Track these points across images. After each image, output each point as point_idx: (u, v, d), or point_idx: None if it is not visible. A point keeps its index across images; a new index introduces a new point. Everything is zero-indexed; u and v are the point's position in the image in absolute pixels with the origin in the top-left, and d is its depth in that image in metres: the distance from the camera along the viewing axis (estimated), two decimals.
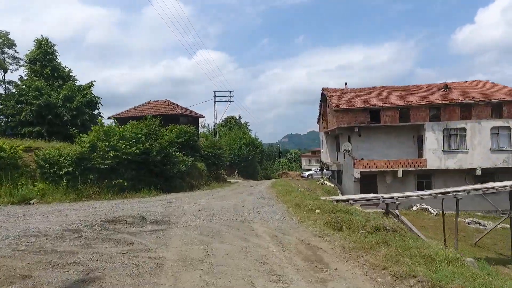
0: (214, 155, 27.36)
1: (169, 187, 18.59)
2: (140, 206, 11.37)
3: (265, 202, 13.11)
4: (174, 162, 18.97)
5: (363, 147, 24.30)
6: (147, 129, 18.59)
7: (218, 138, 36.55)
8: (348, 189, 26.47)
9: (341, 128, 24.15)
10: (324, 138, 34.12)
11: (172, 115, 27.08)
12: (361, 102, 23.84)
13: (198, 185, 22.78)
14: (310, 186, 29.04)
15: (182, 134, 22.87)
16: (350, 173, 25.21)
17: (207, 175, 26.19)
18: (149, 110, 28.38)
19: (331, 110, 26.43)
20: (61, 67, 31.71)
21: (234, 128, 55.15)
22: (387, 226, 6.89)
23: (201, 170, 25.35)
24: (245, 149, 49.32)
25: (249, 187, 22.80)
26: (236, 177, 46.82)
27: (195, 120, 30.94)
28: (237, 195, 16.56)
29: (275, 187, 20.55)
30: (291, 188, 18.29)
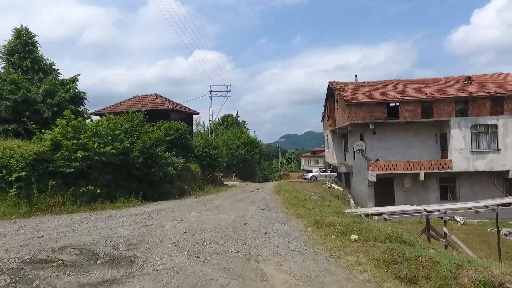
0: (209, 156, 24.36)
1: (154, 194, 15.58)
2: (104, 226, 8.34)
3: (273, 217, 10.13)
4: (161, 164, 15.95)
5: (378, 146, 21.46)
6: (128, 125, 15.56)
7: (214, 137, 33.47)
8: (360, 194, 23.59)
9: (353, 125, 21.25)
10: (330, 137, 31.23)
11: (162, 110, 24.04)
12: (377, 95, 21.00)
13: (190, 190, 19.77)
14: (315, 189, 26.15)
15: (172, 132, 19.86)
16: (363, 175, 22.34)
17: (201, 178, 23.18)
18: (136, 105, 25.31)
19: (341, 105, 23.52)
20: (42, 60, 28.51)
21: (231, 127, 52.11)
22: (506, 283, 3.91)
23: (195, 172, 22.33)
24: (243, 149, 46.32)
25: (249, 193, 19.82)
26: (234, 179, 43.88)
27: (189, 117, 27.89)
28: (236, 204, 13.57)
29: (280, 193, 17.58)
30: (301, 195, 15.33)
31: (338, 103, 25.25)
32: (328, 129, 32.32)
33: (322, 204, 11.43)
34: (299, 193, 16.32)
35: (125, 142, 14.20)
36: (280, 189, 19.51)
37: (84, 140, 12.93)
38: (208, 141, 25.49)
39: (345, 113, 21.97)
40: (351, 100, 20.20)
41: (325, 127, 34.88)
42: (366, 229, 7.27)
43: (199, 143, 24.94)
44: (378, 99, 20.11)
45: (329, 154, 32.47)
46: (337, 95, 25.21)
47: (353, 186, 26.52)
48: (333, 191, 26.11)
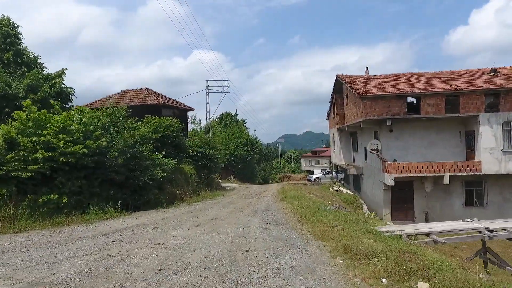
0: (205, 156, 21.89)
1: (138, 202, 13.10)
2: (46, 257, 5.86)
3: (284, 237, 7.68)
4: (146, 166, 13.47)
5: (395, 145, 19.06)
6: (105, 119, 13.08)
7: (211, 135, 30.97)
8: (373, 199, 21.18)
9: (367, 121, 18.81)
10: (337, 136, 28.80)
11: (153, 105, 21.57)
12: (394, 88, 18.58)
13: (183, 196, 17.30)
14: (322, 193, 23.73)
15: (162, 129, 17.38)
16: (377, 178, 19.91)
17: (196, 181, 20.72)
18: (124, 100, 22.83)
19: (352, 100, 21.08)
20: (26, 52, 26.01)
21: (230, 125, 49.63)
22: None
23: (189, 175, 19.87)
24: (242, 149, 43.83)
25: (250, 198, 17.36)
26: (233, 180, 41.42)
27: (183, 114, 25.41)
28: (234, 215, 11.10)
29: (286, 199, 15.11)
30: (313, 204, 12.85)
31: (348, 98, 22.83)
32: (334, 127, 29.88)
33: (344, 218, 8.98)
34: (310, 201, 13.85)
35: (101, 140, 11.71)
36: (286, 195, 17.05)
37: (48, 137, 10.46)
38: (204, 140, 23.03)
39: (357, 109, 19.54)
40: (365, 93, 17.78)
41: (330, 125, 32.42)
42: (432, 267, 4.82)
43: (194, 142, 22.46)
44: (397, 92, 17.70)
45: (336, 155, 30.03)
46: (347, 89, 22.76)
47: (364, 189, 24.08)
48: (342, 195, 23.68)
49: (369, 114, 17.90)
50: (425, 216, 19.18)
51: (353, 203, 21.50)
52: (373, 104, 17.88)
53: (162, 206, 13.90)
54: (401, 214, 19.35)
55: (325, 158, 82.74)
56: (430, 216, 19.12)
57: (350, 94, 21.90)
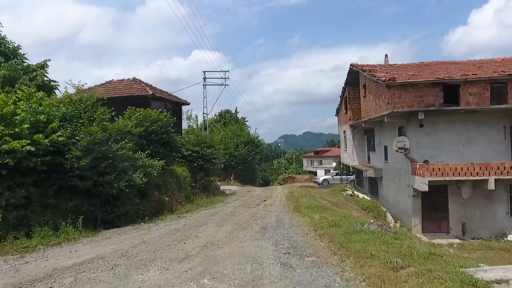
0: (201, 156, 18.86)
1: (111, 216, 10.05)
2: None
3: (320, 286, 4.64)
4: (123, 169, 10.44)
5: (426, 143, 16.07)
6: (67, 108, 10.03)
7: (209, 133, 27.79)
8: (397, 205, 18.14)
9: (393, 115, 15.77)
10: (350, 133, 25.75)
11: (140, 97, 18.52)
12: (427, 74, 15.58)
13: (173, 204, 14.26)
14: (335, 198, 20.73)
15: (147, 123, 14.32)
16: (404, 182, 16.89)
17: (190, 185, 17.71)
18: (107, 91, 19.79)
19: (373, 90, 18.04)
20: (4, 42, 22.99)
21: (229, 124, 46.56)
22: None
23: (181, 178, 16.86)
24: (243, 148, 40.78)
25: (254, 207, 14.31)
26: (232, 182, 38.42)
27: (177, 108, 22.35)
28: (237, 238, 8.04)
29: (301, 209, 12.06)
30: (339, 217, 9.80)
31: (366, 90, 19.81)
32: (346, 124, 26.83)
33: (406, 250, 5.97)
34: (334, 213, 10.81)
35: (55, 134, 8.65)
36: (298, 203, 14.01)
37: None
38: (200, 137, 19.97)
39: (380, 100, 16.54)
40: (393, 80, 14.78)
41: (341, 122, 29.37)
42: None
43: (189, 140, 19.42)
44: (431, 79, 14.69)
45: (348, 154, 26.99)
46: (366, 79, 19.72)
47: (383, 194, 21.04)
48: (358, 200, 20.66)
49: (397, 105, 14.88)
50: (462, 227, 16.16)
51: (373, 210, 18.48)
52: (402, 93, 14.85)
53: (144, 220, 10.85)
54: (433, 224, 16.33)
55: (328, 159, 79.65)
56: (468, 227, 16.11)
57: (370, 84, 18.87)
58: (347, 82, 25.16)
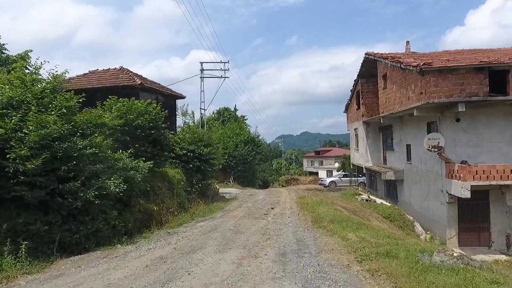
0: (198, 156, 16.30)
1: (75, 237, 7.47)
2: None
3: None
4: (92, 174, 7.88)
5: (463, 141, 13.62)
6: (15, 91, 7.42)
7: (206, 130, 25.13)
8: (426, 213, 15.66)
9: (426, 107, 13.28)
10: (363, 131, 23.25)
11: (127, 87, 15.98)
12: (469, 59, 13.15)
13: (163, 215, 11.71)
14: (350, 204, 18.24)
15: (132, 116, 11.72)
16: (435, 186, 14.42)
17: (185, 190, 15.18)
18: (90, 81, 17.25)
19: (399, 80, 15.53)
20: None
21: (228, 122, 43.99)
22: None
23: (175, 182, 14.31)
24: (242, 148, 38.23)
25: (262, 218, 11.75)
26: (231, 184, 35.89)
27: (170, 101, 19.79)
28: (248, 278, 5.49)
29: (323, 223, 9.53)
30: (386, 238, 7.26)
31: (387, 80, 17.31)
32: (358, 121, 24.35)
33: None
34: (371, 230, 8.26)
35: None
36: (315, 212, 11.46)
37: None
38: (197, 135, 17.38)
39: (409, 90, 14.05)
40: (429, 64, 12.32)
41: (351, 118, 26.87)
42: None
43: (183, 138, 16.86)
44: (475, 63, 12.24)
45: (360, 154, 24.50)
46: (386, 68, 17.20)
47: (404, 199, 18.56)
48: (377, 207, 18.17)
49: (433, 95, 12.40)
50: (506, 240, 13.71)
51: (397, 219, 15.99)
52: (439, 80, 12.37)
53: (122, 240, 8.28)
54: (471, 237, 13.85)
55: (329, 159, 77.23)
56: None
57: (392, 73, 16.37)
58: (360, 74, 22.69)
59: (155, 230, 9.95)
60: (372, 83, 22.70)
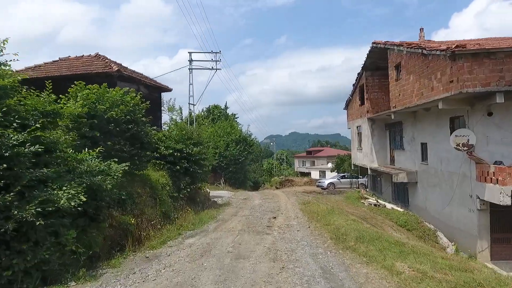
0: (186, 156, 14.01)
1: (4, 276, 5.11)
2: None
3: None
4: (36, 181, 5.54)
5: (497, 138, 11.78)
6: None
7: (196, 127, 22.55)
8: (449, 222, 13.73)
9: (453, 99, 11.35)
10: (368, 129, 21.32)
11: (101, 75, 13.56)
12: (505, 43, 11.33)
13: (143, 231, 9.37)
14: (356, 209, 16.27)
15: (104, 106, 9.35)
16: (461, 191, 12.53)
17: (171, 196, 12.88)
18: (58, 69, 14.77)
19: (418, 69, 13.59)
20: None
21: (219, 120, 41.62)
22: None
23: (158, 187, 11.99)
24: (234, 148, 36.03)
25: (265, 231, 9.58)
26: (222, 186, 33.64)
27: (154, 94, 17.41)
28: None
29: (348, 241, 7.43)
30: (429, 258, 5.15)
31: (402, 70, 15.34)
32: (362, 118, 22.42)
33: None
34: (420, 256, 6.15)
35: None
36: (332, 225, 9.35)
37: None
38: (185, 132, 15.06)
39: (433, 80, 12.11)
40: (462, 47, 10.39)
41: (353, 115, 24.94)
42: None
43: (170, 135, 14.55)
44: None
45: (363, 154, 22.57)
46: (402, 56, 15.22)
47: (419, 204, 16.65)
48: (387, 212, 16.21)
49: (467, 83, 10.46)
50: None
51: (415, 227, 14.02)
52: (475, 66, 10.45)
53: (78, 275, 5.94)
54: (506, 249, 11.97)
55: (321, 159, 75.54)
56: None
57: (409, 62, 14.39)
58: (365, 66, 20.75)
59: (130, 253, 7.63)
60: (377, 76, 20.81)
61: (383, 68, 20.49)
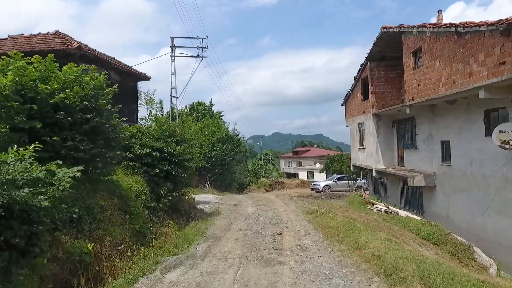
0: (167, 157, 11.33)
1: None
2: None
3: None
4: None
5: None
6: None
7: (179, 122, 19.31)
8: (481, 233, 11.64)
9: (504, 85, 9.20)
10: (372, 126, 19.15)
11: (58, 53, 10.59)
12: None
13: (104, 261, 6.65)
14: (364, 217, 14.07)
15: (51, 87, 6.60)
16: (505, 198, 10.43)
17: (148, 207, 10.22)
18: (4, 46, 11.76)
19: (451, 51, 11.43)
20: None
21: (203, 118, 38.77)
22: None
23: (131, 197, 9.29)
24: (220, 147, 33.33)
25: (275, 257, 7.06)
26: (208, 189, 30.97)
27: (128, 82, 14.58)
28: None
29: (406, 282, 4.92)
30: None
31: (425, 56, 13.17)
32: (365, 114, 20.27)
33: None
34: None
35: None
36: (363, 247, 6.98)
37: None
38: (167, 127, 12.33)
39: (471, 64, 9.96)
40: None
41: (352, 112, 22.78)
42: None
43: (147, 131, 11.83)
44: None
45: (367, 154, 20.41)
46: (425, 40, 13.03)
47: (438, 212, 14.54)
48: (404, 221, 14.02)
49: None
50: None
51: (443, 241, 11.83)
52: None
53: None
54: None
55: (307, 159, 73.66)
56: None
57: (436, 45, 12.22)
58: (370, 57, 18.58)
59: None
60: (384, 68, 18.70)
61: (389, 58, 18.41)
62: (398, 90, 18.62)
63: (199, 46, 21.51)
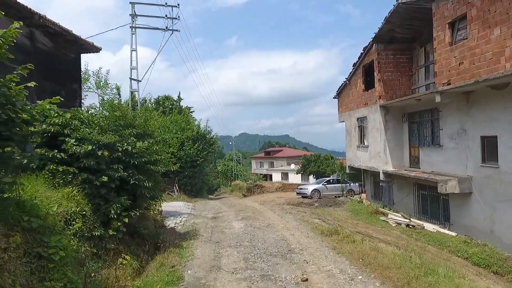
0: (123, 158, 7.34)
1: None
2: None
3: None
4: None
5: None
6: None
7: (142, 111, 14.87)
8: None
9: None
10: (379, 120, 16.12)
11: None
12: None
13: None
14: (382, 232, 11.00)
15: None
16: None
17: (89, 237, 6.12)
18: None
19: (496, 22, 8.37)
20: None
21: (171, 114, 34.23)
22: None
23: (55, 228, 5.14)
24: (190, 147, 29.19)
25: None
26: (177, 195, 26.91)
27: (66, 52, 10.29)
28: None
29: None
30: None
31: (464, 28, 10.26)
32: (366, 107, 17.24)
33: None
34: None
35: None
36: None
37: None
38: (122, 115, 8.32)
39: None
40: None
41: (348, 105, 19.71)
42: None
43: (90, 118, 7.74)
44: None
45: (370, 154, 17.38)
46: (471, 3, 10.05)
47: (475, 225, 11.63)
48: (436, 238, 11.00)
49: None
50: None
51: (507, 268, 8.83)
52: None
53: None
54: None
55: (280, 160, 70.71)
56: None
57: (490, 8, 9.26)
58: (377, 37, 15.56)
59: None
60: (392, 51, 15.79)
61: (399, 40, 15.54)
62: (408, 78, 15.81)
63: (168, 17, 17.30)
